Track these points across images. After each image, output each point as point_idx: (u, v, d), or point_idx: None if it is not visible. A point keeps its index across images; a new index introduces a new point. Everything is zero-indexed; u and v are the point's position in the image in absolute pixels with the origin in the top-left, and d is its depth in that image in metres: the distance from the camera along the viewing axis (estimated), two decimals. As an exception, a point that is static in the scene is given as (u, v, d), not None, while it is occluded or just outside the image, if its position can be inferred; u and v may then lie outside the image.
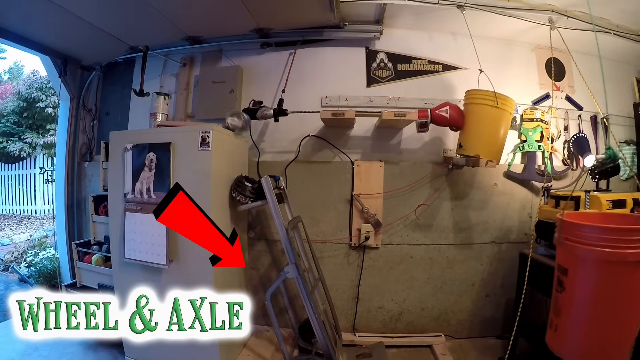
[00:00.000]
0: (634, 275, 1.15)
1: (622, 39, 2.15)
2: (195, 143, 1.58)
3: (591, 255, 1.15)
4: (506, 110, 1.75)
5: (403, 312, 2.02)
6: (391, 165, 1.99)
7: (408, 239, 1.99)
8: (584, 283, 1.22)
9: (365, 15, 2.04)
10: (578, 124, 2.16)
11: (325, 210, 2.01)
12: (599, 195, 1.58)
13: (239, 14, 1.87)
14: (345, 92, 2.04)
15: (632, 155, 2.24)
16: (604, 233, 1.14)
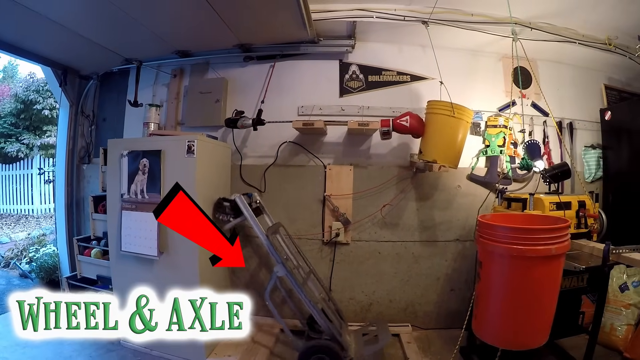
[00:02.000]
0: (534, 268, 1.51)
1: (590, 47, 2.51)
2: (183, 150, 2.04)
3: (498, 250, 1.53)
4: (463, 119, 2.12)
5: (372, 304, 2.45)
6: (360, 169, 2.43)
7: (376, 236, 2.42)
8: (494, 274, 1.62)
9: (338, 31, 2.47)
10: (543, 130, 2.54)
11: (301, 210, 2.44)
12: (542, 198, 1.97)
13: (222, 31, 2.32)
14: (320, 102, 2.48)
15: (598, 159, 2.62)
16: (507, 232, 1.52)
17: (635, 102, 2.75)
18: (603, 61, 2.64)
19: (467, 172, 2.44)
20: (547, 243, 1.47)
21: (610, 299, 2.32)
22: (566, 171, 2.08)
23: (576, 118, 2.60)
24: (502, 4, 2.15)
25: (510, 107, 2.43)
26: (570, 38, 2.45)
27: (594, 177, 2.59)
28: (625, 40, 2.54)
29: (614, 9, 2.24)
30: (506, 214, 1.96)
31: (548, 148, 2.50)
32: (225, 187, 2.38)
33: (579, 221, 1.99)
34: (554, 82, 2.58)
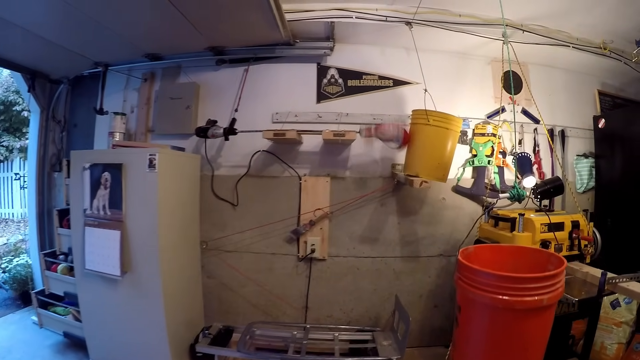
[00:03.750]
0: (523, 321, 1.26)
1: (584, 52, 2.24)
2: (144, 164, 1.77)
3: (480, 299, 1.27)
4: (451, 129, 1.85)
5: (351, 321, 2.19)
6: (338, 180, 2.15)
7: (355, 251, 2.15)
8: (474, 325, 1.36)
9: (315, 32, 2.17)
10: (534, 138, 2.27)
11: (275, 224, 2.15)
12: (533, 219, 1.70)
13: (191, 34, 2.02)
14: (296, 108, 2.19)
15: (590, 169, 2.35)
16: (492, 279, 1.25)
17: (630, 110, 2.50)
18: (597, 66, 2.37)
19: (452, 184, 2.16)
20: (538, 293, 1.21)
21: (601, 316, 2.07)
22: (559, 186, 1.84)
23: (568, 125, 2.34)
24: (493, 4, 1.86)
25: (500, 114, 2.14)
26: (564, 41, 2.18)
27: (586, 188, 2.33)
28: (620, 45, 2.28)
29: (610, 12, 1.98)
30: (492, 246, 1.68)
31: (538, 157, 2.23)
32: (193, 202, 2.11)
33: (571, 242, 1.74)
34: (546, 87, 2.31)
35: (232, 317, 2.20)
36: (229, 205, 2.19)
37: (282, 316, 2.21)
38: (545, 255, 1.49)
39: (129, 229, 1.79)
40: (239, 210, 2.18)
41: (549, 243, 1.69)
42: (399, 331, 1.94)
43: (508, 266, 1.53)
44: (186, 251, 2.06)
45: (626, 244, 2.07)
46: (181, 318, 1.95)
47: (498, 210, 1.96)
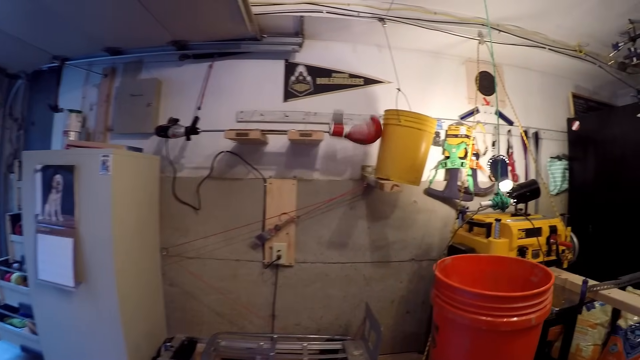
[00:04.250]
0: (508, 343, 1.13)
1: (559, 54, 2.16)
2: (97, 166, 1.61)
3: (461, 320, 1.13)
4: (423, 130, 1.74)
5: (321, 330, 2.06)
6: (305, 182, 2.01)
7: (323, 257, 2.02)
8: (454, 346, 1.23)
9: (284, 27, 2.02)
10: (507, 139, 2.18)
11: (239, 228, 2.00)
12: (510, 224, 1.59)
13: (152, 26, 1.86)
14: (262, 107, 2.04)
15: (563, 171, 2.28)
16: (474, 299, 1.11)
17: (604, 113, 2.43)
18: (571, 68, 2.31)
19: (424, 186, 2.05)
20: (526, 313, 1.08)
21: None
22: (535, 190, 1.75)
23: (542, 127, 2.26)
24: (468, 3, 1.79)
25: (474, 115, 2.07)
26: (540, 43, 2.10)
27: (559, 190, 2.26)
28: (596, 48, 2.22)
29: (589, 14, 1.91)
30: (470, 256, 1.56)
31: (512, 159, 2.15)
32: (152, 206, 1.95)
33: (549, 248, 1.65)
34: (520, 88, 2.23)
35: (196, 327, 2.05)
36: (191, 209, 2.03)
37: (248, 325, 2.06)
38: (529, 266, 1.38)
39: (82, 237, 1.63)
40: (202, 215, 2.03)
41: (526, 249, 1.60)
42: (370, 340, 1.82)
43: (488, 278, 1.43)
44: (145, 259, 1.90)
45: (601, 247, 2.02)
46: (141, 330, 1.79)
47: (473, 214, 1.84)
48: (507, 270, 1.42)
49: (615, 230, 2.11)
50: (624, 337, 1.85)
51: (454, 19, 1.95)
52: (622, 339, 1.86)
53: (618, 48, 2.13)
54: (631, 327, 1.82)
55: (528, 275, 1.35)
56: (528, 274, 1.35)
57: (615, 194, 2.14)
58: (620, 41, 2.10)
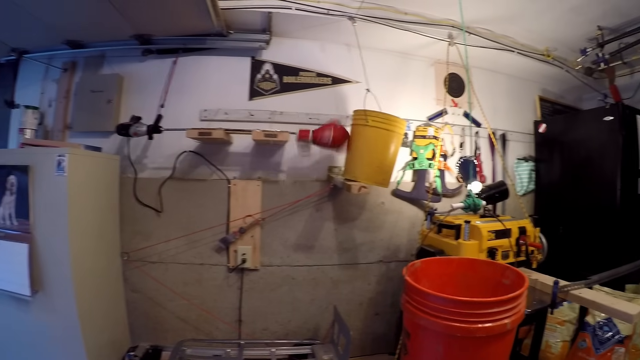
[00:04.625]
0: (483, 348, 1.09)
1: (527, 57, 2.16)
2: (53, 167, 1.49)
3: (433, 327, 1.08)
4: (392, 131, 1.70)
5: (289, 334, 1.99)
6: (270, 184, 1.93)
7: (289, 260, 1.95)
8: (426, 353, 1.17)
9: (251, 23, 1.93)
10: (475, 141, 2.16)
11: (202, 232, 1.91)
12: (479, 226, 1.56)
13: (114, 18, 1.73)
14: (226, 105, 1.95)
15: (530, 172, 2.29)
16: (447, 304, 1.06)
17: (570, 116, 2.46)
18: (539, 72, 2.32)
19: (392, 187, 2.00)
20: (501, 318, 1.04)
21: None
22: (504, 191, 1.73)
23: (509, 129, 2.26)
24: (439, 4, 1.76)
25: (442, 116, 2.04)
26: (509, 46, 2.09)
27: (526, 190, 2.27)
28: (563, 53, 2.23)
29: (559, 20, 1.91)
30: (440, 259, 1.51)
31: (479, 161, 2.13)
32: (111, 209, 1.84)
33: (518, 249, 1.63)
34: (488, 91, 2.21)
35: (161, 335, 1.94)
36: (153, 211, 1.91)
37: (214, 331, 1.97)
38: (500, 268, 1.34)
39: (38, 242, 1.51)
40: (164, 217, 1.91)
41: (496, 250, 1.57)
42: (339, 343, 1.76)
43: (459, 281, 1.39)
44: (105, 264, 1.79)
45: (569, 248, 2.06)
46: (103, 339, 1.68)
47: (441, 216, 1.80)
48: (478, 273, 1.39)
49: (581, 230, 2.13)
50: (593, 333, 1.87)
51: (425, 20, 1.91)
52: (590, 335, 1.87)
53: (586, 53, 2.16)
54: (599, 324, 1.84)
55: (499, 277, 1.32)
56: (499, 277, 1.32)
57: (582, 195, 2.17)
58: (589, 47, 2.13)
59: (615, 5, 1.83)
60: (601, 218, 2.06)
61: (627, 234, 2.02)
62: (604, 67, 2.19)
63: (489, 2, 1.80)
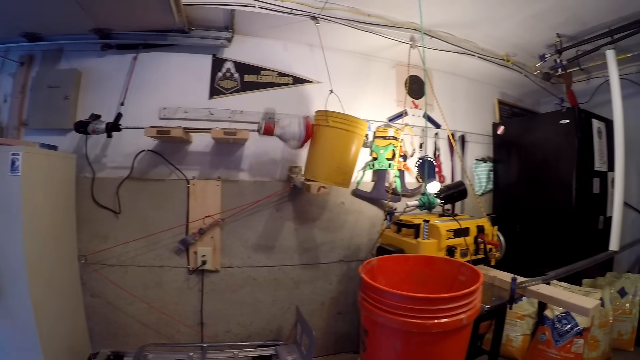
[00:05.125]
0: (440, 343, 1.08)
1: (487, 62, 2.19)
2: (6, 166, 1.38)
3: (390, 323, 1.06)
4: (352, 132, 1.68)
5: (251, 335, 1.94)
6: (230, 183, 1.88)
7: (250, 261, 1.90)
8: (384, 349, 1.15)
9: (214, 20, 1.87)
10: (435, 142, 2.18)
11: (161, 233, 1.84)
12: (438, 225, 1.56)
13: (74, 11, 1.63)
14: (186, 103, 1.88)
15: (488, 172, 2.33)
16: (403, 301, 1.04)
17: (527, 119, 2.53)
18: (498, 76, 2.36)
19: (352, 188, 1.99)
20: (457, 313, 1.04)
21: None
22: (462, 191, 1.74)
23: (468, 131, 2.29)
24: (402, 7, 1.75)
25: (402, 117, 2.04)
26: (470, 50, 2.12)
27: (484, 190, 2.30)
28: (522, 58, 2.28)
29: (520, 26, 1.94)
30: (397, 256, 1.49)
31: (439, 161, 2.15)
32: (68, 211, 1.74)
33: (477, 247, 1.64)
34: (448, 93, 2.24)
35: (122, 340, 1.86)
36: (111, 213, 1.83)
37: (176, 335, 1.90)
38: (456, 265, 1.34)
39: None
40: (122, 219, 1.83)
41: (454, 249, 1.58)
42: (303, 343, 1.73)
43: (416, 278, 1.38)
44: (62, 268, 1.69)
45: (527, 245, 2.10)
46: (62, 346, 1.59)
47: (401, 215, 1.80)
48: (435, 270, 1.39)
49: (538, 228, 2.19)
50: (552, 326, 1.93)
51: (387, 22, 1.90)
52: (550, 328, 1.94)
53: (545, 59, 2.21)
54: (558, 317, 1.92)
55: (456, 274, 1.32)
56: (456, 273, 1.32)
57: (539, 195, 2.22)
58: (547, 53, 2.18)
59: (576, 14, 1.89)
60: (557, 217, 2.12)
61: (582, 232, 2.09)
62: (562, 72, 2.25)
63: (452, 7, 1.82)
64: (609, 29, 1.93)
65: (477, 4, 1.77)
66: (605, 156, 2.22)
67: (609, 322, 1.96)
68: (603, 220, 2.21)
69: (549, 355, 1.89)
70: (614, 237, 1.86)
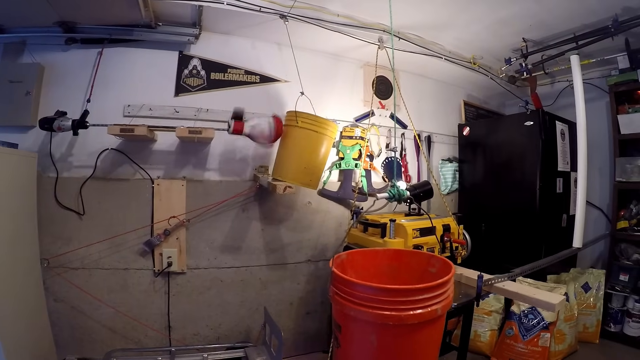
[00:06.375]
0: (415, 335, 1.02)
1: (454, 64, 2.16)
2: None
3: (363, 316, 0.99)
4: (321, 133, 1.62)
5: (220, 337, 1.85)
6: (195, 183, 1.78)
7: (216, 262, 1.81)
8: (359, 344, 1.08)
9: (181, 15, 1.77)
10: (401, 142, 2.13)
11: (125, 234, 1.73)
12: (404, 224, 1.52)
13: (37, 1, 1.51)
14: (151, 100, 1.77)
15: (454, 172, 2.32)
16: (376, 293, 0.98)
17: (492, 120, 2.52)
18: (465, 78, 2.34)
19: (318, 187, 1.90)
20: (432, 304, 0.98)
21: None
22: (428, 191, 1.70)
23: (434, 131, 2.26)
24: (371, 7, 1.69)
25: (369, 118, 1.98)
26: (437, 53, 2.08)
27: (450, 190, 2.29)
28: (489, 61, 2.28)
29: (487, 30, 1.92)
30: (367, 250, 1.42)
31: (405, 161, 2.11)
32: (28, 211, 1.59)
33: (443, 245, 1.61)
34: (415, 94, 2.21)
35: (89, 346, 1.73)
36: (74, 214, 1.70)
37: (144, 339, 1.78)
38: (426, 257, 1.29)
39: None
40: (86, 220, 1.71)
41: (421, 247, 1.55)
42: (272, 344, 1.66)
43: (385, 272, 1.33)
44: (23, 272, 1.55)
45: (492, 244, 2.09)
46: (26, 355, 1.45)
47: (367, 215, 1.75)
48: (404, 263, 1.33)
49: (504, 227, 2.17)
50: (519, 321, 1.92)
51: (356, 23, 1.85)
52: (517, 323, 1.93)
53: (510, 63, 2.22)
54: (524, 312, 1.92)
55: (426, 266, 1.27)
56: (426, 265, 1.27)
57: (503, 194, 2.21)
58: (513, 57, 2.18)
59: (542, 20, 1.88)
60: (522, 215, 2.11)
61: (546, 230, 2.09)
62: (527, 76, 2.25)
63: (421, 10, 1.78)
64: (574, 35, 1.94)
65: (445, 7, 1.73)
66: (568, 157, 2.23)
67: (574, 316, 1.98)
68: (566, 218, 2.23)
69: (517, 349, 1.89)
70: (577, 234, 1.86)
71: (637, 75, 2.08)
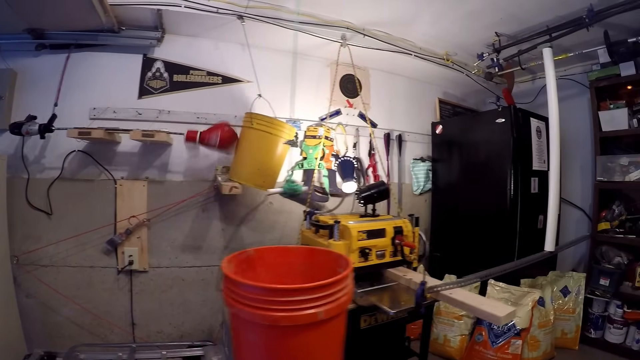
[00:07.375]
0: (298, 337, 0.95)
1: (427, 61, 2.06)
2: None
3: (245, 316, 0.93)
4: (275, 135, 1.58)
5: (184, 335, 1.83)
6: (156, 184, 1.76)
7: (177, 261, 1.79)
8: (247, 346, 1.03)
9: (143, 20, 1.75)
10: (370, 141, 2.04)
11: (92, 233, 1.72)
12: (350, 226, 1.42)
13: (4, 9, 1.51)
14: (116, 103, 1.77)
15: (427, 171, 2.20)
16: (256, 292, 0.92)
17: (466, 118, 2.39)
18: (439, 76, 2.22)
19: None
20: (310, 307, 0.91)
21: (442, 310, 1.92)
22: (383, 191, 1.58)
23: (406, 130, 2.16)
24: (333, 5, 1.63)
25: (336, 117, 1.92)
26: (407, 49, 1.98)
27: (422, 190, 2.17)
28: (463, 57, 2.15)
29: (456, 25, 1.82)
30: (278, 248, 1.34)
31: (374, 161, 2.01)
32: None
33: (395, 248, 1.49)
34: (386, 92, 2.12)
35: (58, 341, 1.73)
36: (43, 214, 1.71)
37: (110, 335, 1.78)
38: (334, 257, 1.20)
39: None
40: (54, 219, 1.72)
41: (369, 250, 1.43)
42: (228, 344, 1.61)
43: (301, 271, 1.25)
44: None
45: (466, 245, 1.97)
46: None
47: (320, 216, 1.66)
48: (318, 262, 1.24)
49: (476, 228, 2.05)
50: (488, 327, 1.81)
51: (318, 21, 1.77)
52: (486, 329, 1.81)
53: (482, 58, 2.08)
54: None
55: (335, 266, 1.17)
56: (335, 265, 1.17)
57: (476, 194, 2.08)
58: (486, 52, 2.06)
59: (511, 13, 1.77)
60: (494, 216, 1.99)
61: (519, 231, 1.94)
62: (501, 72, 2.11)
63: (386, 5, 1.69)
64: (547, 27, 1.81)
65: (410, 1, 1.64)
66: (545, 155, 2.08)
67: (550, 321, 1.84)
68: (543, 219, 2.09)
69: (486, 356, 1.77)
70: (549, 237, 1.72)
71: (619, 70, 1.93)
